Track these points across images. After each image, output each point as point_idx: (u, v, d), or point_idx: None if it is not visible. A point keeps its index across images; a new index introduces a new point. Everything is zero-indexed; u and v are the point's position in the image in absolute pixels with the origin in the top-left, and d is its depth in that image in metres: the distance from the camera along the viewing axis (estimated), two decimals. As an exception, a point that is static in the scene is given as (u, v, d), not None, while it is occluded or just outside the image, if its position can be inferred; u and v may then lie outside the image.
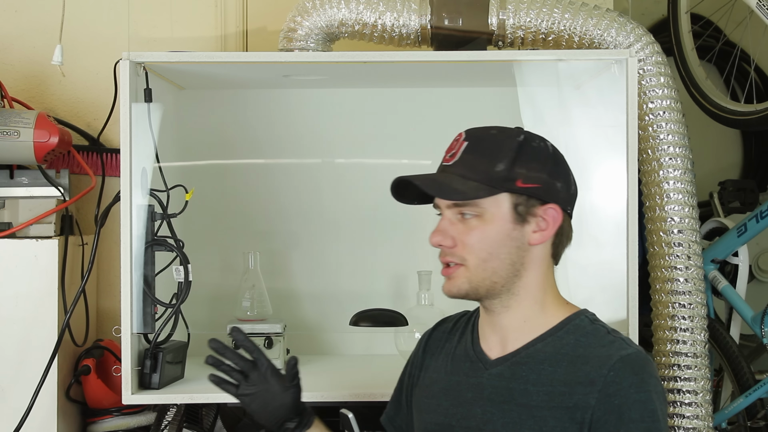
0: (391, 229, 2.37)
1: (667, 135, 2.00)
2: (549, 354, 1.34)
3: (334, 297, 2.35)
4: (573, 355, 1.33)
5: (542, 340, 1.36)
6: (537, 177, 1.34)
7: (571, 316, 1.38)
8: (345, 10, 2.04)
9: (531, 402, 1.32)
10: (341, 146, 2.38)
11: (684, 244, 1.99)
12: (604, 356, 1.30)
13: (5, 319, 2.01)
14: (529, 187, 1.34)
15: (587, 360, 1.31)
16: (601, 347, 1.33)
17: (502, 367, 1.37)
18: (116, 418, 2.12)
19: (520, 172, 1.33)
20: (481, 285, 1.35)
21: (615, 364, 1.29)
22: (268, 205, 2.36)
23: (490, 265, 1.34)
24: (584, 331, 1.36)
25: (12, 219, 2.07)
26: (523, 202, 1.34)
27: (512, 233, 1.34)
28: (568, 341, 1.35)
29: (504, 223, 1.34)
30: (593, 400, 1.28)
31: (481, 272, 1.35)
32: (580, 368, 1.31)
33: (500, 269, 1.35)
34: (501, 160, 1.33)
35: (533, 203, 1.34)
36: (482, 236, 1.34)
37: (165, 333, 1.95)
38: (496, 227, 1.34)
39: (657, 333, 2.02)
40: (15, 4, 2.35)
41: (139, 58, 1.90)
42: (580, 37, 2.03)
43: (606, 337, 1.35)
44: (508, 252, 1.35)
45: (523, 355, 1.36)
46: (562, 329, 1.36)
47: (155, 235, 1.94)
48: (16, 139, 2.04)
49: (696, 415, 1.96)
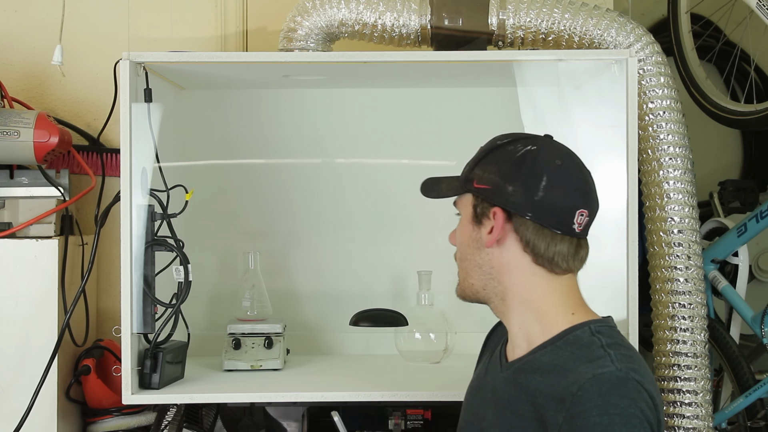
0: (391, 229, 2.37)
1: (667, 135, 2.00)
2: (543, 364, 1.31)
3: (334, 297, 2.35)
4: (563, 368, 1.28)
5: (542, 348, 1.34)
6: (488, 178, 1.34)
7: (574, 326, 1.33)
8: (345, 10, 2.04)
9: (519, 411, 1.31)
10: (341, 146, 2.38)
11: (684, 244, 1.99)
12: (581, 373, 1.25)
13: (5, 319, 2.01)
14: (480, 188, 1.35)
15: (567, 375, 1.26)
16: (587, 363, 1.27)
17: (509, 372, 1.38)
18: (116, 418, 2.12)
19: (477, 173, 1.36)
20: (465, 287, 1.39)
21: (584, 384, 1.22)
22: (268, 205, 2.36)
23: (464, 266, 1.38)
24: (580, 344, 1.31)
25: (12, 219, 2.07)
26: (479, 203, 1.36)
27: (472, 233, 1.37)
28: (563, 353, 1.31)
29: (467, 223, 1.38)
30: (561, 419, 1.23)
31: (461, 273, 1.39)
32: (559, 383, 1.26)
33: (471, 271, 1.37)
34: (473, 160, 1.38)
35: (485, 205, 1.35)
36: (459, 237, 1.39)
37: (165, 333, 1.95)
38: (463, 227, 1.39)
39: (657, 333, 2.02)
40: (15, 4, 2.35)
41: (139, 58, 1.90)
42: (580, 37, 2.03)
43: (596, 352, 1.28)
44: (472, 253, 1.37)
45: (524, 363, 1.35)
46: (561, 339, 1.32)
47: (155, 235, 1.94)
48: (16, 139, 2.04)
49: (696, 415, 1.96)
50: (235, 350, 2.12)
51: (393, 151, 2.37)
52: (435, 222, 2.35)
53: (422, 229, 2.37)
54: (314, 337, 2.35)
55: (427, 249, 2.35)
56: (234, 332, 2.14)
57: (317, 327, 2.35)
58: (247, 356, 2.11)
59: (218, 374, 2.10)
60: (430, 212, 2.36)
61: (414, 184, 2.22)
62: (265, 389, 1.98)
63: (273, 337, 2.13)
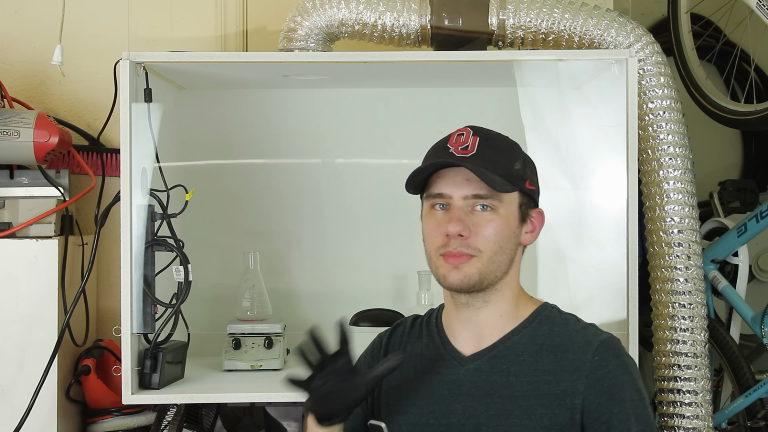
0: (391, 229, 2.36)
1: (667, 135, 2.00)
2: (527, 345, 1.39)
3: (334, 297, 2.35)
4: (551, 344, 1.38)
5: (518, 332, 1.41)
6: (536, 181, 1.44)
7: (539, 308, 1.44)
8: (345, 10, 2.04)
9: (515, 392, 1.36)
10: (341, 146, 2.38)
11: (684, 244, 1.99)
12: (584, 343, 1.37)
13: (5, 319, 2.01)
14: (533, 189, 1.42)
15: (567, 348, 1.37)
16: (577, 334, 1.39)
17: (479, 362, 1.40)
18: (116, 418, 2.12)
19: (528, 174, 1.41)
20: (487, 277, 1.38)
21: (598, 349, 1.36)
22: (268, 205, 2.36)
23: (498, 259, 1.38)
24: (556, 322, 1.42)
25: (12, 219, 2.07)
26: (525, 203, 1.41)
27: (515, 230, 1.40)
28: (542, 332, 1.40)
29: (513, 219, 1.39)
30: (582, 386, 1.34)
31: (490, 264, 1.37)
32: (562, 356, 1.37)
33: (503, 264, 1.39)
34: (517, 159, 1.40)
35: (531, 205, 1.42)
36: (497, 229, 1.37)
37: (165, 333, 1.95)
38: (507, 223, 1.38)
39: (657, 333, 2.02)
40: (15, 4, 2.35)
41: (139, 58, 1.90)
42: (580, 37, 2.03)
43: (577, 325, 1.42)
44: (510, 248, 1.39)
45: (501, 349, 1.40)
46: (535, 321, 1.42)
47: (155, 235, 1.94)
48: (16, 139, 2.04)
49: (696, 415, 1.96)
50: (235, 350, 2.11)
51: (393, 151, 2.37)
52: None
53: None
54: (314, 337, 2.34)
55: (427, 249, 2.34)
56: (234, 332, 2.14)
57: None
58: (247, 356, 2.11)
59: (218, 374, 2.10)
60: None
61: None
62: (265, 389, 1.98)
63: (273, 337, 2.13)
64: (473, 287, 1.38)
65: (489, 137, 1.40)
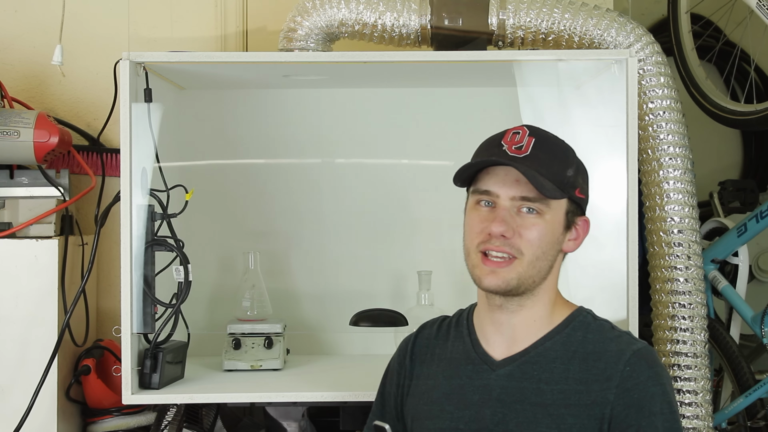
0: (391, 229, 2.37)
1: (667, 135, 2.00)
2: (559, 352, 1.37)
3: (334, 297, 2.35)
4: (584, 352, 1.36)
5: (550, 338, 1.38)
6: (586, 189, 1.42)
7: (573, 313, 1.42)
8: (345, 10, 2.04)
9: (546, 400, 1.33)
10: (341, 146, 2.38)
11: (684, 244, 1.99)
12: (616, 351, 1.34)
13: (5, 319, 2.01)
14: (582, 198, 1.40)
15: (599, 356, 1.35)
16: (611, 342, 1.36)
17: (510, 367, 1.38)
18: (116, 418, 2.12)
19: (579, 182, 1.39)
20: (526, 281, 1.36)
21: (630, 359, 1.33)
22: (269, 205, 2.36)
23: (539, 264, 1.36)
24: (590, 328, 1.39)
25: (12, 219, 2.07)
26: (572, 210, 1.39)
27: (559, 237, 1.38)
28: (575, 338, 1.38)
29: (558, 226, 1.38)
30: (611, 396, 1.31)
31: (530, 269, 1.36)
32: (594, 365, 1.34)
33: (543, 269, 1.37)
34: (570, 165, 1.38)
35: (578, 213, 1.40)
36: (541, 234, 1.36)
37: (165, 333, 1.95)
38: (552, 228, 1.37)
39: (657, 333, 2.02)
40: (15, 4, 2.35)
41: (139, 58, 1.90)
42: (580, 37, 2.03)
43: (611, 332, 1.39)
44: (553, 254, 1.38)
45: (533, 354, 1.38)
46: (569, 326, 1.39)
47: (155, 235, 1.94)
48: (16, 139, 2.04)
49: (696, 415, 1.96)
50: (235, 350, 2.12)
51: (393, 151, 2.37)
52: (435, 222, 2.35)
53: (422, 229, 2.37)
54: (314, 337, 2.35)
55: (427, 249, 2.35)
56: (234, 332, 2.14)
57: (317, 327, 2.35)
58: (247, 356, 2.11)
59: (218, 374, 2.10)
60: (430, 212, 2.36)
61: (414, 184, 2.23)
62: (265, 389, 1.98)
63: (273, 337, 2.13)
64: (510, 291, 1.36)
65: (545, 140, 1.37)
